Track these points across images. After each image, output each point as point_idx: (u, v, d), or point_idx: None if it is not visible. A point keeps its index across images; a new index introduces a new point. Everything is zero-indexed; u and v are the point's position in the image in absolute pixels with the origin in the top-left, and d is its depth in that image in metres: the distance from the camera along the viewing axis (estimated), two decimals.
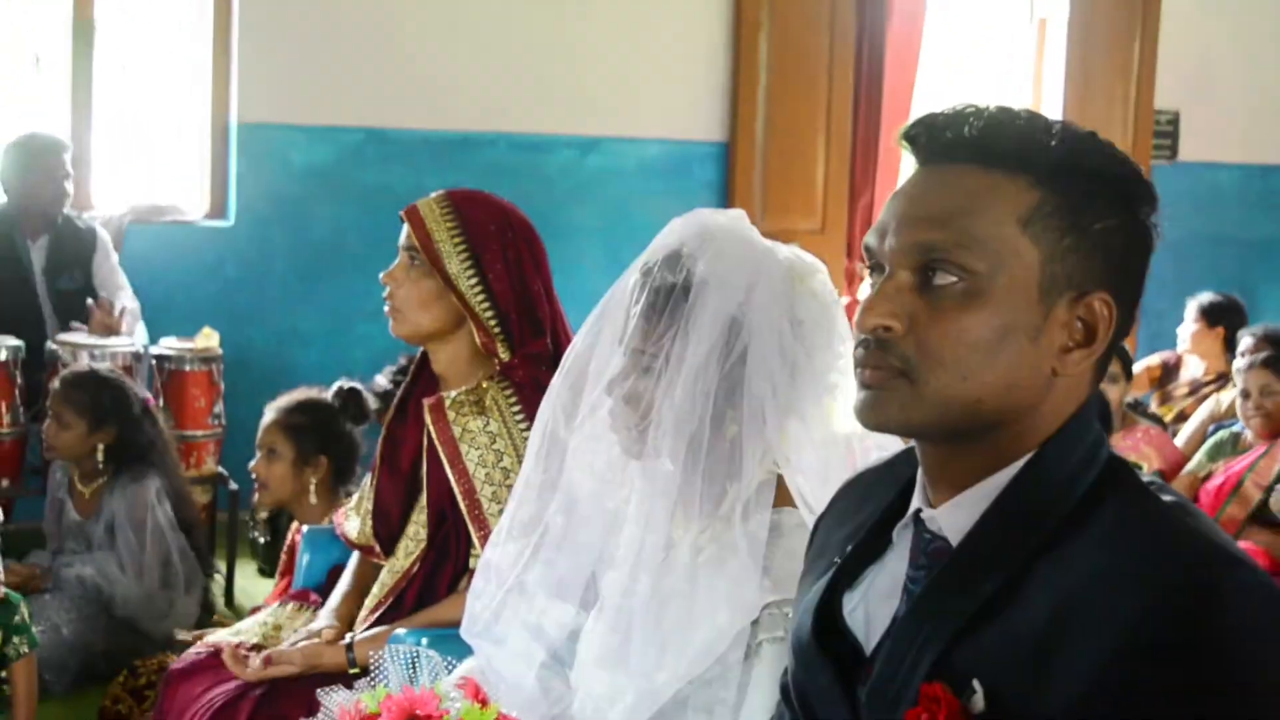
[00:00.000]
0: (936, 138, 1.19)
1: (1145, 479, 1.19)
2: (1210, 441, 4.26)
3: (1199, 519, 1.14)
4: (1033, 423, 1.17)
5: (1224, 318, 5.05)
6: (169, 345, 4.42)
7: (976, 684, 1.09)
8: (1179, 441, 4.57)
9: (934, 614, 1.16)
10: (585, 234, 5.02)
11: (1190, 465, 4.23)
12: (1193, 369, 5.21)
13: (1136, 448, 4.19)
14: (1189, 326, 5.13)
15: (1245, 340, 4.47)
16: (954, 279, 1.13)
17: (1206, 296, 5.10)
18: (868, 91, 5.72)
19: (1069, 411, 1.17)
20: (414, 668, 1.78)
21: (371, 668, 1.91)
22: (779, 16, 5.60)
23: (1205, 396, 4.93)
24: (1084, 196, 1.16)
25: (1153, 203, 1.19)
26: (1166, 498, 1.15)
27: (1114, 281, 1.17)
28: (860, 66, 5.75)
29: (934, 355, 1.14)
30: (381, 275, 2.31)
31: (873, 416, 1.18)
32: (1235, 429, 4.21)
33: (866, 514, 1.33)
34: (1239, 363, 4.20)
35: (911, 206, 1.19)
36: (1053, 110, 5.93)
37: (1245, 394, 4.03)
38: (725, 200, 5.51)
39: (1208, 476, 4.09)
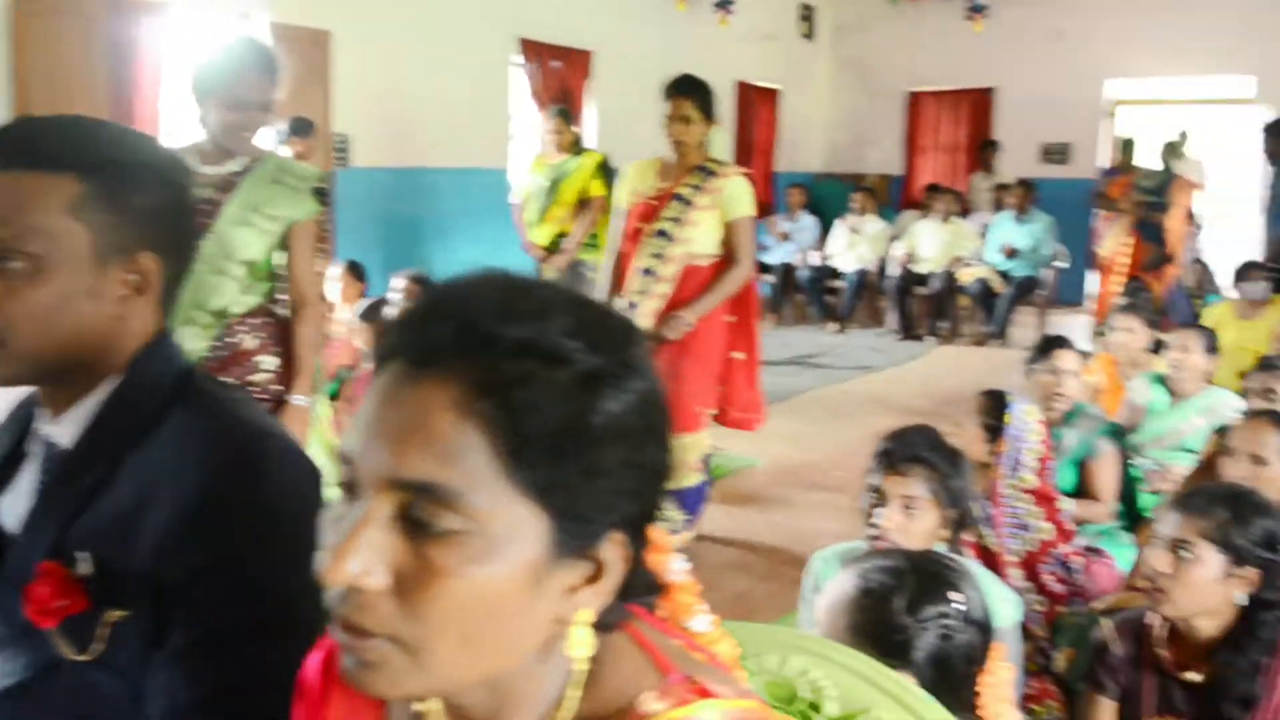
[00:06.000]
0: None
1: (219, 382, 1.36)
2: None
3: (248, 405, 1.32)
4: (112, 356, 1.24)
5: (361, 271, 5.82)
6: None
7: (84, 554, 1.18)
8: None
9: (51, 505, 1.23)
10: None
11: None
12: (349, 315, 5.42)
13: None
14: (338, 281, 5.66)
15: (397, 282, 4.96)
16: (21, 264, 1.17)
17: (350, 260, 5.90)
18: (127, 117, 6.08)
19: (141, 344, 1.26)
20: None
21: None
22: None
23: None
24: (124, 181, 1.21)
25: (187, 174, 1.31)
26: (222, 394, 1.30)
27: (159, 241, 1.25)
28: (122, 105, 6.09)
29: (13, 326, 1.17)
30: None
31: None
32: None
33: (11, 433, 1.35)
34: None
35: None
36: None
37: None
38: None
39: None
